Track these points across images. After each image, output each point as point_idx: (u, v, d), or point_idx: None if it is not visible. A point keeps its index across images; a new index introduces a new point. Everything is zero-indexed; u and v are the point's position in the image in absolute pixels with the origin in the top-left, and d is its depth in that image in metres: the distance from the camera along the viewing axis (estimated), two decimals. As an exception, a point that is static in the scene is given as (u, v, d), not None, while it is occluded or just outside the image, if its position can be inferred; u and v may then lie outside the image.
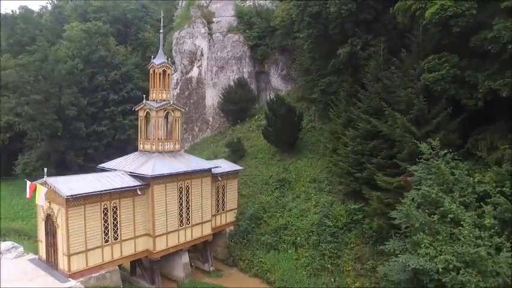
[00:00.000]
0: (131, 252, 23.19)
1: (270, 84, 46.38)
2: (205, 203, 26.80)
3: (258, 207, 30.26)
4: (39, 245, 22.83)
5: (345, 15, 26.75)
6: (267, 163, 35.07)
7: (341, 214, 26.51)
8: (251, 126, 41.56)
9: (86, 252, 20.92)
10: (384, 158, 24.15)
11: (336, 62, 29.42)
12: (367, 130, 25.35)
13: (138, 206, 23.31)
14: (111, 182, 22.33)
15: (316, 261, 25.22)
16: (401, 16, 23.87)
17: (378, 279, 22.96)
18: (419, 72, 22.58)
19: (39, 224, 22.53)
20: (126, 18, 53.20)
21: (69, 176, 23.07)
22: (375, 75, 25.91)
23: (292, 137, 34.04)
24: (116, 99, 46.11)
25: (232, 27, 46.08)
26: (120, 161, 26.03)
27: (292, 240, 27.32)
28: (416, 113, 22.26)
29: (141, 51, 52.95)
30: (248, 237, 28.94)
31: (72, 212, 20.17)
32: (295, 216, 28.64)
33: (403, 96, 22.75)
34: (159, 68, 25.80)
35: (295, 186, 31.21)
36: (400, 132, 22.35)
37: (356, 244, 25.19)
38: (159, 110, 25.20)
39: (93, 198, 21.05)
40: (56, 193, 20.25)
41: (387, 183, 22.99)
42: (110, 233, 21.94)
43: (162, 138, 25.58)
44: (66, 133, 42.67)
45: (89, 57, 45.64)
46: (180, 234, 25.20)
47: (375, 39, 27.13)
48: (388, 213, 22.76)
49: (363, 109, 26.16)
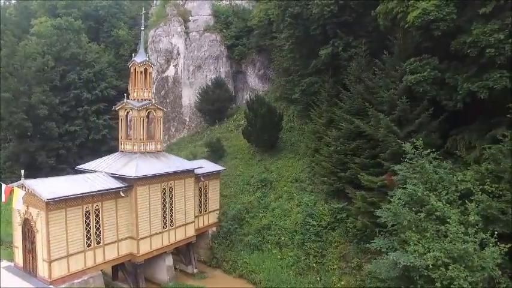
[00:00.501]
0: (114, 256, 22.48)
1: (247, 84, 46.35)
2: (188, 204, 26.41)
3: (240, 208, 30.14)
4: (15, 251, 21.72)
5: (327, 16, 27.11)
6: (247, 163, 35.00)
7: (324, 213, 26.82)
8: (229, 126, 41.35)
9: (68, 258, 20.09)
10: (367, 158, 24.64)
11: (317, 63, 29.76)
12: (350, 130, 25.77)
13: (121, 209, 22.64)
14: (92, 184, 21.56)
15: (301, 260, 25.37)
16: (382, 19, 24.43)
17: (363, 277, 23.38)
18: (401, 74, 23.18)
19: (15, 229, 21.43)
20: (98, 15, 51.52)
21: (47, 178, 22.03)
22: (356, 76, 26.43)
23: (273, 137, 34.14)
24: (89, 98, 44.52)
25: (209, 26, 45.74)
26: (100, 162, 25.17)
27: (276, 240, 27.36)
28: (399, 114, 22.85)
29: (114, 49, 51.42)
30: (231, 238, 28.76)
31: (52, 216, 19.31)
32: (278, 216, 28.72)
33: (386, 97, 23.29)
34: (141, 66, 25.16)
35: (277, 186, 31.30)
36: (383, 132, 22.86)
37: (340, 243, 25.54)
38: (140, 110, 24.56)
39: (75, 201, 20.23)
40: (35, 196, 19.32)
41: (371, 182, 23.46)
42: (92, 237, 21.17)
43: (144, 139, 24.95)
44: (37, 133, 40.80)
45: (60, 54, 43.79)
46: (163, 236, 24.70)
47: (356, 40, 27.67)
48: (372, 211, 23.26)
49: (345, 109, 26.60)
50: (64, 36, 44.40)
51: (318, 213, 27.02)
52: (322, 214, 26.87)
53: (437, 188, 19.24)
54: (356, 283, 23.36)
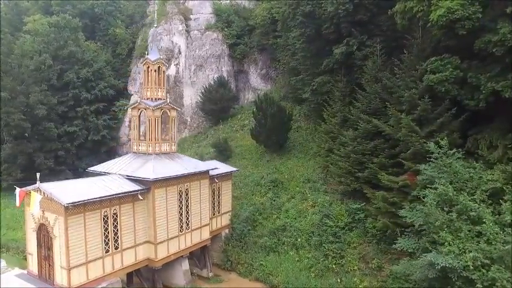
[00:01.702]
0: (132, 261, 21.75)
1: (248, 83, 45.86)
2: (203, 206, 25.80)
3: (252, 209, 29.65)
4: (29, 258, 20.76)
5: (342, 15, 26.86)
6: (255, 164, 34.52)
7: (341, 214, 26.56)
8: (234, 126, 40.78)
9: (87, 264, 19.30)
10: (386, 158, 24.47)
11: (329, 62, 29.45)
12: (367, 130, 25.57)
13: (138, 212, 21.90)
14: (110, 187, 20.78)
15: (320, 262, 25.07)
16: (399, 18, 24.29)
17: (384, 277, 23.25)
18: (421, 73, 23.08)
19: (29, 235, 20.47)
20: (94, 13, 50.13)
21: (63, 181, 21.18)
22: (373, 76, 26.21)
23: (282, 137, 33.74)
24: (88, 97, 43.28)
25: (211, 24, 45.08)
26: (112, 163, 24.34)
27: (292, 242, 26.97)
28: (420, 113, 22.71)
29: (111, 48, 50.13)
30: (245, 240, 28.26)
31: (71, 221, 18.50)
32: (292, 217, 28.35)
33: (407, 96, 23.11)
34: (154, 64, 24.39)
35: (289, 187, 30.92)
36: (405, 132, 22.70)
37: (359, 243, 25.31)
38: (155, 109, 23.81)
39: (93, 205, 19.46)
40: (52, 200, 18.49)
41: (392, 182, 23.27)
42: (110, 242, 20.40)
43: (158, 139, 24.21)
44: (34, 134, 39.40)
45: (57, 52, 42.41)
46: (180, 240, 24.05)
47: (370, 39, 27.48)
48: (393, 211, 23.23)
49: (362, 109, 26.39)
50: (61, 34, 43.02)
51: (335, 213, 26.73)
52: (339, 214, 26.60)
53: (464, 188, 19.21)
54: (378, 284, 23.14)
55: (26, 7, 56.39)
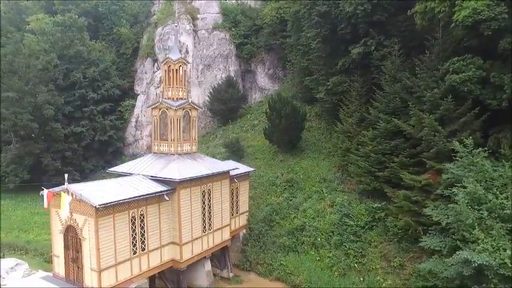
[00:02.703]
0: (158, 263, 21.54)
1: (255, 83, 45.83)
2: (224, 206, 25.71)
3: (269, 209, 29.64)
4: (55, 261, 20.41)
5: (360, 15, 26.99)
6: (269, 163, 34.50)
7: (361, 213, 26.70)
8: (244, 126, 40.69)
9: (116, 266, 19.07)
10: (407, 157, 24.67)
11: (345, 62, 29.59)
12: (387, 129, 25.74)
13: (164, 213, 21.72)
14: (137, 187, 20.57)
15: (342, 261, 25.15)
16: (419, 18, 24.52)
17: (407, 275, 23.44)
18: (442, 73, 23.33)
19: (55, 237, 20.12)
20: (98, 12, 49.58)
21: (89, 182, 20.93)
22: (392, 76, 26.40)
23: (295, 137, 33.78)
24: (94, 97, 42.78)
25: (218, 24, 44.91)
26: (134, 164, 24.10)
27: (311, 241, 26.99)
28: (443, 113, 22.94)
29: (115, 47, 49.61)
30: (263, 240, 28.22)
31: (101, 223, 18.26)
32: (310, 217, 28.38)
33: (429, 96, 23.32)
34: (176, 64, 24.23)
35: (305, 187, 30.98)
36: (428, 132, 22.90)
37: (379, 242, 25.46)
38: (177, 109, 23.64)
39: (122, 206, 19.22)
40: (82, 202, 18.23)
41: (414, 181, 23.46)
42: (137, 244, 20.19)
43: (180, 139, 24.04)
44: (41, 134, 38.84)
45: (63, 52, 41.87)
46: (203, 240, 23.92)
47: (387, 40, 27.66)
48: (415, 210, 23.44)
49: (381, 109, 26.56)
50: (68, 34, 42.46)
51: (355, 213, 26.87)
52: (359, 214, 26.74)
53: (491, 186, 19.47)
54: (401, 282, 23.31)
55: (26, 6, 55.57)
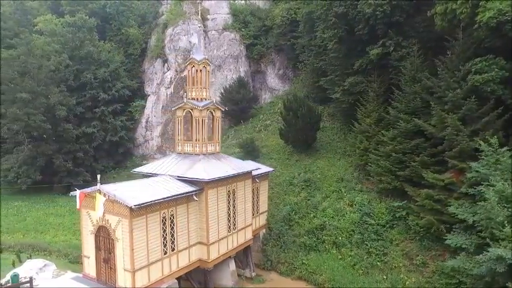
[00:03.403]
0: (186, 263, 21.61)
1: (265, 83, 46.00)
2: (247, 206, 25.86)
3: (288, 209, 29.82)
4: (85, 261, 20.41)
5: (380, 16, 27.26)
6: (284, 163, 34.67)
7: (382, 212, 26.98)
8: (256, 126, 40.83)
9: (149, 267, 19.13)
10: (428, 156, 24.99)
11: (363, 62, 29.85)
12: (407, 129, 26.04)
13: (192, 213, 21.81)
14: (167, 188, 20.64)
15: (364, 259, 25.42)
16: (439, 19, 24.86)
17: (430, 273, 23.73)
18: (464, 74, 23.68)
19: (86, 238, 20.13)
20: (105, 12, 49.42)
21: (119, 183, 20.95)
22: (411, 76, 26.70)
23: (311, 137, 33.99)
24: (105, 98, 42.66)
25: (228, 25, 44.99)
26: (159, 164, 24.15)
27: (332, 240, 27.22)
28: (465, 113, 23.28)
29: (123, 48, 49.46)
30: (283, 240, 28.39)
31: (135, 224, 18.32)
32: (330, 216, 28.60)
33: (451, 96, 23.64)
34: (200, 64, 24.29)
35: (322, 186, 31.19)
36: (451, 131, 23.23)
37: (401, 241, 25.75)
38: (203, 110, 23.74)
39: (154, 206, 19.26)
40: (115, 202, 18.27)
41: (437, 180, 23.78)
42: (168, 244, 20.27)
43: (205, 140, 24.13)
44: (53, 135, 38.67)
45: (73, 52, 41.74)
46: (228, 240, 24.05)
47: (406, 40, 27.96)
48: (438, 209, 23.76)
49: (401, 109, 26.86)
50: (78, 35, 42.30)
51: (375, 211, 27.14)
52: (379, 212, 27.02)
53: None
54: (424, 280, 23.59)
55: (31, 6, 55.26)
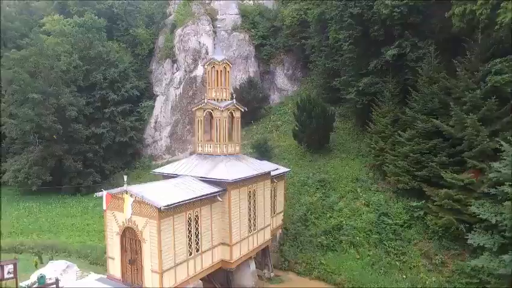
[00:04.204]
0: (209, 264, 21.61)
1: (274, 84, 46.06)
2: (266, 206, 25.90)
3: (304, 209, 29.89)
4: (110, 263, 20.36)
5: (396, 17, 27.42)
6: (297, 164, 34.72)
7: (399, 212, 27.12)
8: (267, 127, 40.87)
9: (175, 268, 19.14)
10: (446, 156, 25.16)
11: (378, 63, 30.00)
12: (425, 129, 26.20)
13: (215, 214, 21.82)
14: (192, 189, 20.64)
15: (383, 259, 25.53)
16: (457, 20, 25.09)
17: (449, 273, 23.90)
18: (483, 74, 23.89)
19: (111, 239, 20.08)
20: (112, 13, 49.24)
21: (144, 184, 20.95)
22: (429, 77, 26.86)
23: (324, 137, 34.09)
24: (115, 99, 42.53)
25: (237, 25, 45.00)
26: (179, 165, 24.14)
27: (349, 240, 27.33)
28: (484, 113, 23.48)
29: (130, 48, 49.31)
30: (300, 240, 28.47)
31: (163, 225, 18.32)
32: (346, 216, 28.72)
33: (471, 97, 23.83)
34: (221, 65, 24.32)
35: (337, 187, 31.28)
36: (471, 131, 23.42)
37: (419, 240, 25.90)
38: (224, 110, 23.76)
39: (180, 208, 19.23)
40: (142, 203, 18.25)
41: (457, 180, 23.94)
42: (192, 245, 20.28)
43: (226, 140, 24.15)
44: (63, 136, 38.51)
45: (83, 53, 41.60)
46: (249, 240, 24.06)
47: (421, 41, 28.14)
48: (457, 208, 23.91)
49: (418, 109, 27.01)
50: (88, 35, 42.14)
51: (392, 211, 27.28)
52: (396, 212, 27.15)
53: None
54: (444, 279, 23.73)
55: (36, 7, 55.04)
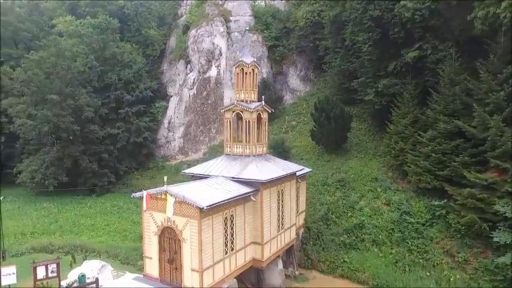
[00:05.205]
0: (242, 262, 22.02)
1: (286, 84, 46.51)
2: (292, 206, 26.36)
3: (325, 208, 30.38)
4: (147, 262, 20.67)
5: (418, 20, 27.96)
6: (315, 164, 35.20)
7: (421, 210, 27.71)
8: (282, 127, 41.31)
9: (213, 266, 19.53)
10: (469, 156, 25.78)
11: (397, 65, 30.56)
12: (447, 130, 26.80)
13: (248, 214, 22.23)
14: (226, 189, 21.03)
15: (406, 257, 26.08)
16: (479, 23, 25.67)
17: (472, 270, 24.46)
18: (506, 76, 24.52)
19: (149, 239, 20.40)
20: (123, 14, 49.37)
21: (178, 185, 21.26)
22: (450, 79, 27.46)
23: (342, 137, 34.62)
24: (129, 99, 42.71)
25: (250, 26, 45.36)
26: (209, 165, 24.51)
27: (372, 239, 27.87)
28: (508, 114, 24.12)
29: (142, 49, 49.45)
30: (322, 239, 28.94)
31: (203, 224, 18.69)
32: (367, 215, 29.25)
33: (494, 98, 24.46)
34: (249, 67, 24.72)
35: (357, 186, 31.81)
36: (495, 132, 24.04)
37: (441, 238, 26.47)
38: (253, 112, 24.16)
39: (218, 208, 19.60)
40: (183, 203, 18.61)
41: (479, 179, 24.57)
42: (228, 244, 20.68)
43: (255, 141, 24.56)
44: (78, 137, 38.66)
45: (97, 54, 41.75)
46: (278, 239, 24.51)
47: (442, 44, 28.71)
48: (480, 207, 24.52)
49: (439, 110, 27.61)
50: (103, 36, 42.30)
51: (414, 210, 27.85)
52: (418, 211, 27.73)
53: None
54: (468, 276, 24.30)
55: (46, 7, 55.01)
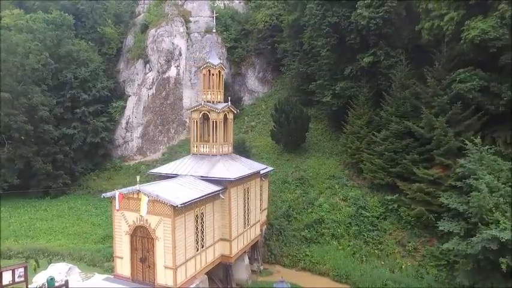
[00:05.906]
0: (212, 259, 22.66)
1: (245, 86, 47.48)
2: (257, 203, 27.34)
3: (286, 205, 31.70)
4: (118, 262, 20.68)
5: (373, 28, 30.10)
6: (275, 163, 36.44)
7: (375, 205, 29.84)
8: (242, 127, 42.18)
9: (186, 263, 20.02)
10: (417, 154, 28.25)
11: (353, 69, 32.61)
12: (398, 130, 29.14)
13: (216, 212, 22.91)
14: (197, 188, 21.59)
15: (362, 248, 28.04)
16: (425, 33, 28.27)
17: (421, 257, 26.88)
18: (449, 82, 27.22)
19: (120, 239, 20.41)
20: (77, 10, 47.61)
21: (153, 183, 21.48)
22: (401, 83, 29.86)
23: (301, 137, 36.17)
24: (86, 98, 41.41)
25: (210, 27, 45.72)
26: (176, 165, 24.85)
27: (331, 233, 29.58)
28: (450, 116, 26.81)
29: (97, 47, 48.00)
30: (284, 234, 30.20)
31: (177, 222, 19.14)
32: (326, 211, 30.95)
33: (439, 101, 27.06)
34: (216, 68, 25.38)
35: (315, 184, 33.48)
36: (440, 132, 26.60)
37: (393, 230, 28.76)
38: (220, 112, 24.84)
39: (190, 206, 20.13)
40: (156, 202, 18.96)
41: (427, 175, 27.07)
42: (199, 241, 21.24)
43: (222, 141, 25.25)
44: (32, 137, 36.99)
45: (52, 51, 40.04)
46: (245, 235, 25.39)
47: (393, 50, 31.12)
48: (427, 200, 27.03)
49: (391, 112, 29.92)
50: (57, 32, 40.62)
51: (369, 205, 29.94)
52: (373, 206, 29.85)
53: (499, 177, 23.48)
54: (417, 263, 26.66)
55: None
